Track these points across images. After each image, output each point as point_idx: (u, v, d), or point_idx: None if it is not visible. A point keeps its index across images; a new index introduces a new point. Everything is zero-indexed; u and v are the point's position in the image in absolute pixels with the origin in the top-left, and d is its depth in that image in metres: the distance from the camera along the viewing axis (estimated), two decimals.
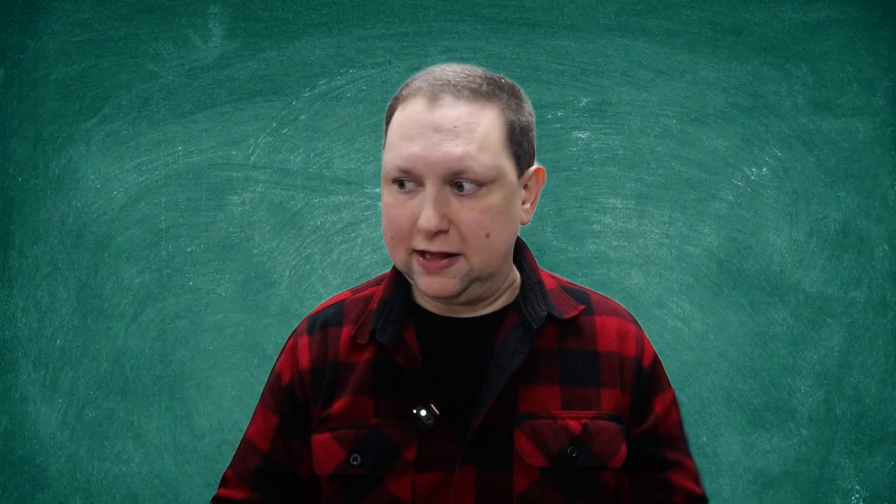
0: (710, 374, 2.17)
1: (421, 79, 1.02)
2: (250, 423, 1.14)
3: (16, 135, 2.18)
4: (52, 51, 2.18)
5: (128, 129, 2.19)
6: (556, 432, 1.01)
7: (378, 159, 2.18)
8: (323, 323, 1.10)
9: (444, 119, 0.97)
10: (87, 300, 2.16)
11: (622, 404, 1.06)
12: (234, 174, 2.18)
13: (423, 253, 0.98)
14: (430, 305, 1.07)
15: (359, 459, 1.02)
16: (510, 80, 1.04)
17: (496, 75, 1.04)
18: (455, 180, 0.96)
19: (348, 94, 2.19)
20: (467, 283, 1.00)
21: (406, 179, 0.98)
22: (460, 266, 0.98)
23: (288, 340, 1.14)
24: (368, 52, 2.19)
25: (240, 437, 1.21)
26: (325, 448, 1.04)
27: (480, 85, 1.00)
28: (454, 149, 0.95)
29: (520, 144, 1.02)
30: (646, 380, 1.08)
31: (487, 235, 0.98)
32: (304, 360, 1.08)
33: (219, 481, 1.16)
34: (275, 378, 1.12)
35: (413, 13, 2.19)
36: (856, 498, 2.16)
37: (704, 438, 2.15)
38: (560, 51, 2.19)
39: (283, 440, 1.09)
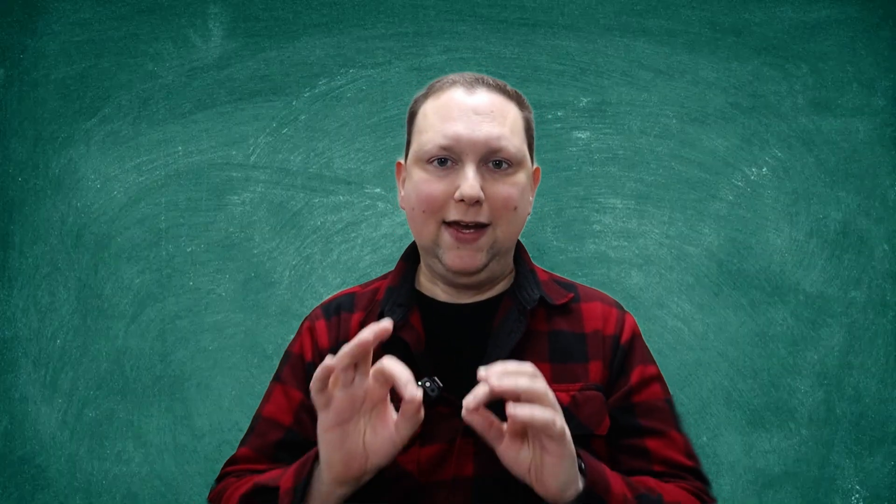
0: (710, 374, 2.17)
1: (451, 77, 1.13)
2: (265, 403, 1.18)
3: (16, 135, 2.18)
4: (52, 51, 2.18)
5: (128, 129, 2.19)
6: None
7: (378, 159, 2.18)
8: (336, 308, 1.20)
9: (481, 103, 1.09)
10: (87, 300, 2.16)
11: (604, 377, 1.14)
12: (234, 174, 2.18)
13: (455, 225, 1.09)
14: (435, 292, 1.17)
15: None
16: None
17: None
18: (492, 159, 1.08)
19: (348, 94, 2.19)
20: (490, 257, 1.11)
21: (446, 157, 1.08)
22: (487, 237, 1.10)
23: (303, 324, 1.21)
24: (368, 52, 2.19)
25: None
26: None
27: (505, 86, 1.14)
28: (493, 129, 1.08)
29: (532, 140, 1.15)
30: (621, 354, 1.16)
31: (515, 209, 1.10)
32: (324, 340, 1.17)
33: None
34: (295, 359, 1.18)
35: (413, 13, 2.19)
36: (856, 498, 2.16)
37: (704, 438, 2.15)
38: (560, 51, 2.19)
39: (307, 413, 1.14)
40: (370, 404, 0.95)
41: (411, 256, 1.22)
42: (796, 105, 2.20)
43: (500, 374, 0.90)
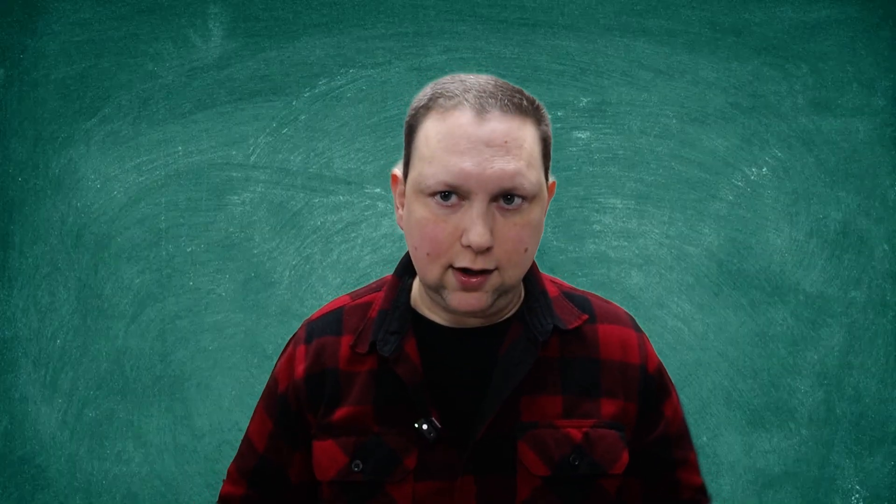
0: (710, 374, 2.17)
1: (456, 88, 0.98)
2: (252, 419, 1.15)
3: (16, 135, 2.18)
4: (52, 51, 2.18)
5: (128, 129, 2.19)
6: (557, 441, 1.02)
7: (378, 159, 2.18)
8: (320, 331, 1.10)
9: (494, 134, 0.94)
10: (87, 300, 2.16)
11: (624, 412, 1.06)
12: (234, 174, 2.18)
13: (462, 269, 0.97)
14: (433, 315, 1.07)
15: (360, 466, 1.03)
16: (530, 95, 1.02)
17: (518, 88, 1.02)
18: (504, 195, 0.95)
19: (348, 94, 2.19)
20: (497, 297, 1.00)
21: (451, 192, 0.95)
22: (493, 280, 0.98)
23: (287, 345, 1.14)
24: (368, 52, 2.19)
25: (240, 436, 1.22)
26: (328, 454, 1.05)
27: (521, 100, 0.98)
28: (507, 165, 0.94)
29: (548, 159, 1.02)
30: (653, 386, 1.09)
31: (525, 250, 0.98)
32: (300, 369, 1.09)
33: (219, 480, 1.19)
34: (273, 383, 1.13)
35: (413, 13, 2.19)
36: (856, 498, 2.16)
37: (704, 438, 2.15)
38: (560, 51, 2.19)
39: (277, 442, 1.11)
40: None
41: (405, 271, 1.10)
42: (796, 105, 2.20)
43: None
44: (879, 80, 2.20)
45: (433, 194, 0.96)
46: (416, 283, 1.10)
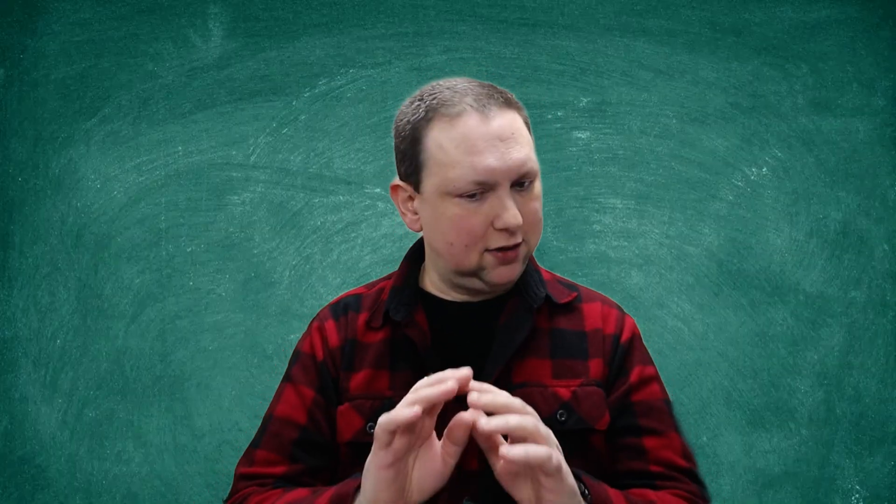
0: (710, 374, 2.17)
1: (450, 96, 1.09)
2: (276, 404, 1.19)
3: (16, 135, 2.18)
4: (52, 51, 2.18)
5: (128, 129, 2.19)
6: (546, 398, 1.11)
7: (378, 159, 2.18)
8: (344, 307, 1.21)
9: (502, 129, 1.08)
10: (87, 300, 2.16)
11: (604, 374, 1.15)
12: (234, 174, 2.19)
13: (498, 249, 1.09)
14: (439, 293, 1.18)
15: (374, 427, 1.07)
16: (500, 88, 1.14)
17: (493, 85, 1.13)
18: (521, 181, 1.09)
19: (348, 94, 2.19)
20: (524, 264, 1.14)
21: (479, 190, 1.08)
22: (522, 250, 1.12)
23: (312, 324, 1.22)
24: (368, 52, 2.19)
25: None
26: (345, 417, 1.14)
27: (503, 92, 1.12)
28: (520, 154, 1.08)
29: (532, 137, 1.14)
30: (621, 352, 1.17)
31: (540, 219, 1.13)
32: (334, 339, 1.18)
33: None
34: (306, 357, 1.20)
35: (413, 13, 2.19)
36: (856, 498, 2.16)
37: (704, 438, 2.15)
38: (560, 51, 2.19)
39: (321, 411, 1.16)
40: (421, 441, 0.97)
41: (414, 257, 1.22)
42: (796, 105, 2.20)
43: (489, 419, 0.91)
44: (879, 80, 2.20)
45: (461, 194, 1.07)
46: (423, 268, 1.22)
